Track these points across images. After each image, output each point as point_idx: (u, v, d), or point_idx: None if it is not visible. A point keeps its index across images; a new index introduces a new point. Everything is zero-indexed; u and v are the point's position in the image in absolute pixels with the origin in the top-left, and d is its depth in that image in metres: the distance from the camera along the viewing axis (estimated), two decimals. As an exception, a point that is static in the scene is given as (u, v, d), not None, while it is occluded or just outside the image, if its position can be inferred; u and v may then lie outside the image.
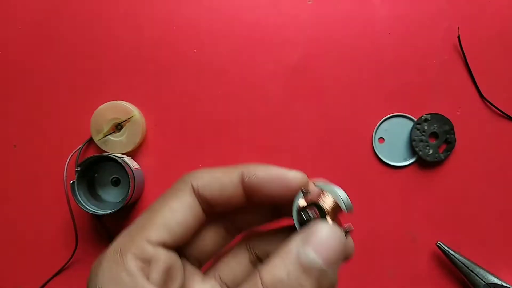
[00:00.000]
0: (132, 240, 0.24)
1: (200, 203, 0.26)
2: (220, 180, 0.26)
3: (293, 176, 0.27)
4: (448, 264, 0.54)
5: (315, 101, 0.55)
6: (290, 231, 0.28)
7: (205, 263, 0.29)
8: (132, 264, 0.23)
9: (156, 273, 0.23)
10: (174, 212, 0.25)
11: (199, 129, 0.55)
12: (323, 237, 0.23)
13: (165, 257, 0.24)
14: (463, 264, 0.51)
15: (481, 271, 0.51)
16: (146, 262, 0.23)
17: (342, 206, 0.27)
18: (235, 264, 0.29)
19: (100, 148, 0.53)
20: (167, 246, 0.24)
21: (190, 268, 0.28)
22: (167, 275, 0.24)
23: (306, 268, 0.22)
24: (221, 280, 0.28)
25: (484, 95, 0.55)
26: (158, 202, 0.26)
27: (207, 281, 0.28)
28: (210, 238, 0.29)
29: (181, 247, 0.27)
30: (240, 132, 0.55)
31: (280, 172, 0.27)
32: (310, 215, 0.26)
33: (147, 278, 0.23)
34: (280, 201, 0.27)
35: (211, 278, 0.28)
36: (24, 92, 0.56)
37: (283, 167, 0.27)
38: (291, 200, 0.26)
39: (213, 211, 0.27)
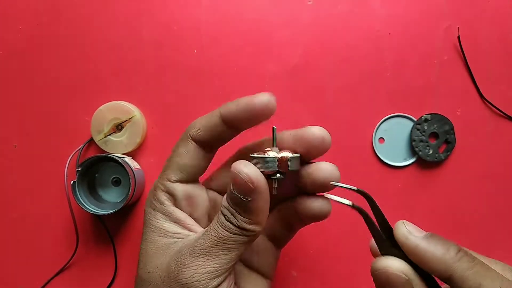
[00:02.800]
0: (160, 179, 0.35)
1: (199, 145, 0.35)
2: (207, 124, 0.34)
3: (258, 101, 0.33)
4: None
5: (315, 101, 0.55)
6: None
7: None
8: (161, 195, 0.34)
9: (178, 200, 0.34)
10: (181, 157, 0.34)
11: (199, 129, 0.55)
12: (233, 174, 0.30)
13: (183, 188, 0.34)
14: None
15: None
16: (170, 193, 0.34)
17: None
18: (226, 173, 0.38)
19: (101, 148, 0.53)
20: (183, 181, 0.34)
21: (221, 197, 0.38)
22: (189, 200, 0.35)
23: (233, 199, 0.31)
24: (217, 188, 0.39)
25: (484, 95, 0.55)
26: (172, 152, 0.36)
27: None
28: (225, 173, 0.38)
29: (212, 185, 0.38)
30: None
31: (247, 100, 0.33)
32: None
33: (174, 204, 0.34)
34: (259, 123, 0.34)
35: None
36: (24, 92, 0.56)
37: (251, 95, 0.32)
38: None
39: (213, 147, 0.36)
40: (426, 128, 0.54)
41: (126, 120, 0.53)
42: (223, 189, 0.37)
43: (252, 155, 0.32)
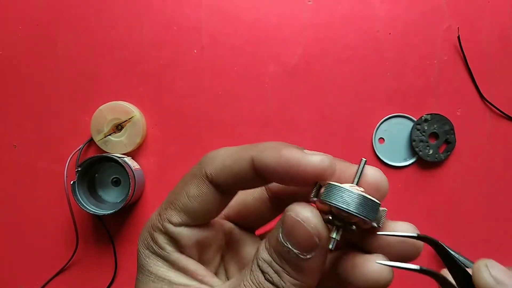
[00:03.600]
0: (160, 218, 0.26)
1: (216, 188, 0.25)
2: (231, 167, 0.25)
3: (307, 163, 0.22)
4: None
5: (315, 101, 0.55)
6: None
7: (259, 228, 0.30)
8: (161, 239, 0.26)
9: (184, 246, 0.26)
10: (191, 199, 0.25)
11: (199, 129, 0.55)
12: (290, 222, 0.22)
13: (190, 233, 0.26)
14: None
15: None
16: (173, 238, 0.26)
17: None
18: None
19: (101, 149, 0.53)
20: (190, 225, 0.26)
21: (240, 232, 0.29)
22: (199, 245, 0.26)
23: (283, 253, 0.22)
24: None
25: (484, 95, 0.55)
26: (179, 185, 0.26)
27: (257, 243, 0.28)
28: (256, 211, 0.29)
29: (230, 216, 0.29)
30: (240, 132, 0.55)
31: (294, 159, 0.23)
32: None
33: (177, 249, 0.26)
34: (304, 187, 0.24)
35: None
36: (24, 93, 0.56)
37: (301, 151, 0.23)
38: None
39: (234, 191, 0.27)
40: (426, 128, 0.54)
41: (126, 120, 0.53)
42: (241, 217, 0.29)
43: (337, 184, 0.22)
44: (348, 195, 0.21)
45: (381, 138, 0.55)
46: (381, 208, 0.22)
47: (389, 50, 0.55)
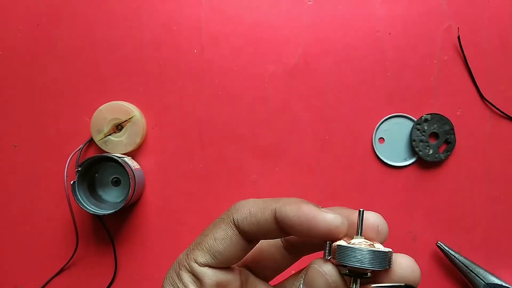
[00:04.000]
0: (187, 257, 0.29)
1: (241, 234, 0.28)
2: (256, 216, 0.27)
3: (321, 219, 0.25)
4: (448, 264, 0.54)
5: (315, 101, 0.55)
6: None
7: (271, 279, 0.32)
8: (186, 277, 0.28)
9: (205, 286, 0.28)
10: (217, 241, 0.28)
11: (199, 129, 0.55)
12: (313, 275, 0.25)
13: (212, 274, 0.28)
14: (463, 264, 0.51)
15: (481, 271, 0.51)
16: (197, 277, 0.28)
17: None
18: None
19: (101, 148, 0.53)
20: (213, 267, 0.28)
21: (255, 280, 0.31)
22: (218, 287, 0.28)
23: None
24: None
25: (484, 95, 0.55)
26: (208, 229, 0.29)
27: None
28: (271, 257, 0.31)
29: (247, 263, 0.31)
30: (240, 132, 0.55)
31: (310, 214, 0.26)
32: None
33: None
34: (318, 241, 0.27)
35: None
36: (24, 92, 0.56)
37: (317, 208, 0.25)
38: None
39: (257, 240, 0.29)
40: (426, 128, 0.54)
41: (126, 120, 0.53)
42: (256, 263, 0.31)
43: (347, 245, 0.24)
44: (359, 253, 0.24)
45: (381, 138, 0.55)
46: (387, 250, 0.25)
47: (389, 50, 0.55)
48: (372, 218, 0.26)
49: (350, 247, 0.24)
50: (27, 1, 0.56)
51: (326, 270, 0.25)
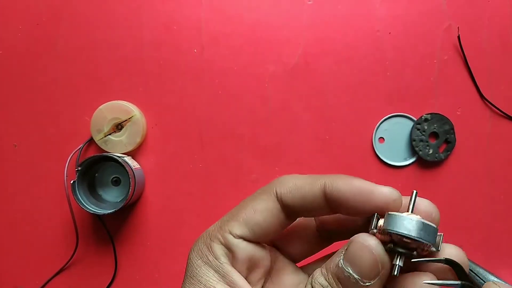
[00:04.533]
0: (220, 229, 0.27)
1: (282, 208, 0.27)
2: (302, 189, 0.26)
3: (379, 193, 0.24)
4: (448, 264, 0.54)
5: (315, 101, 0.55)
6: None
7: (299, 261, 0.30)
8: (218, 248, 0.27)
9: (237, 259, 0.27)
10: (256, 212, 0.27)
11: (199, 129, 0.55)
12: (356, 249, 0.23)
13: (246, 247, 0.27)
14: None
15: (481, 271, 0.51)
16: (230, 250, 0.27)
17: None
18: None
19: (101, 148, 0.53)
20: (248, 239, 0.27)
21: (283, 260, 0.30)
22: (250, 263, 0.27)
23: (342, 279, 0.23)
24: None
25: (484, 95, 0.55)
26: (246, 200, 0.28)
27: (298, 274, 0.29)
28: (303, 238, 0.30)
29: (276, 242, 0.30)
30: (240, 132, 0.55)
31: (365, 187, 0.25)
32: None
33: (231, 263, 0.27)
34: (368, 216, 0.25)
35: (304, 273, 0.29)
36: (24, 92, 0.56)
37: (371, 183, 0.25)
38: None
39: (297, 216, 0.28)
40: (426, 128, 0.54)
41: (126, 120, 0.53)
42: (286, 241, 0.30)
43: (397, 213, 0.23)
44: (408, 222, 0.22)
45: (381, 137, 0.55)
46: (438, 233, 0.23)
47: (389, 50, 0.55)
48: (425, 203, 0.25)
49: (399, 215, 0.23)
50: (27, 1, 0.56)
51: (372, 244, 0.23)
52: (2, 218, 0.55)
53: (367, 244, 0.23)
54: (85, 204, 0.50)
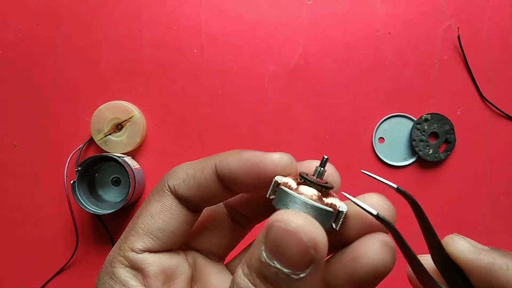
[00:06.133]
0: (119, 250, 0.24)
1: (180, 203, 0.24)
2: (195, 177, 0.24)
3: (269, 161, 0.22)
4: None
5: (315, 101, 0.55)
6: None
7: (224, 256, 0.27)
8: (122, 273, 0.23)
9: (149, 276, 0.23)
10: (154, 217, 0.23)
11: (199, 129, 0.55)
12: (277, 235, 0.18)
13: (155, 260, 0.23)
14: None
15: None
16: (137, 269, 0.23)
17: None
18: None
19: (101, 148, 0.53)
20: (154, 250, 0.23)
21: (204, 261, 0.26)
22: (165, 275, 0.23)
23: (269, 277, 0.18)
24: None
25: (484, 95, 0.55)
26: (141, 208, 0.24)
27: (224, 273, 0.26)
28: (217, 231, 0.26)
29: (190, 242, 0.26)
30: (240, 132, 0.55)
31: (255, 158, 0.22)
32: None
33: (142, 283, 0.23)
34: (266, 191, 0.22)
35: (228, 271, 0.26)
36: (24, 92, 0.56)
37: (261, 152, 0.22)
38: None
39: (200, 208, 0.25)
40: (426, 128, 0.54)
41: (126, 120, 0.53)
42: (210, 247, 0.26)
43: (288, 190, 0.20)
44: (301, 205, 0.20)
45: (381, 137, 0.55)
46: (340, 208, 0.21)
47: (389, 50, 0.55)
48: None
49: (290, 194, 0.20)
50: (27, 1, 0.56)
51: (298, 225, 0.18)
52: (2, 218, 0.55)
53: (290, 228, 0.18)
54: (85, 204, 0.50)
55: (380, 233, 0.22)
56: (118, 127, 0.53)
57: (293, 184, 0.21)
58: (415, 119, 0.55)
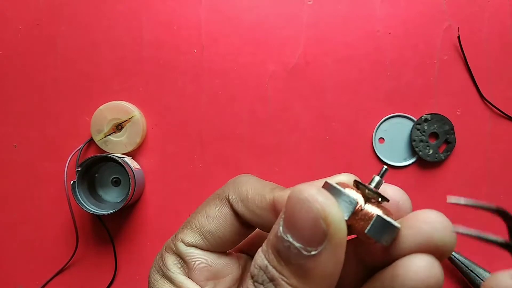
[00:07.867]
0: (174, 238, 0.25)
1: (235, 215, 0.24)
2: (253, 201, 0.23)
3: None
4: (448, 264, 0.54)
5: (315, 101, 0.55)
6: None
7: None
8: (169, 259, 0.25)
9: (194, 269, 0.24)
10: (209, 219, 0.24)
11: (199, 129, 0.55)
12: (292, 206, 0.17)
13: (201, 256, 0.24)
14: (463, 264, 0.51)
15: (481, 271, 0.51)
16: (183, 259, 0.24)
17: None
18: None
19: (101, 148, 0.53)
20: (202, 248, 0.24)
21: None
22: (209, 272, 0.24)
23: (282, 252, 0.17)
24: None
25: (484, 95, 0.55)
26: (203, 204, 0.25)
27: None
28: None
29: (246, 249, 0.27)
30: (240, 132, 0.55)
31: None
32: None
33: (186, 274, 0.24)
34: None
35: None
36: (24, 92, 0.56)
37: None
38: None
39: (253, 227, 0.24)
40: (426, 128, 0.54)
41: (126, 120, 0.53)
42: (255, 248, 0.25)
43: (335, 184, 0.19)
44: (347, 198, 0.19)
45: (381, 138, 0.55)
46: (393, 222, 0.19)
47: (389, 50, 0.55)
48: (392, 191, 0.21)
49: (336, 188, 0.18)
50: (27, 1, 0.56)
51: (310, 194, 0.17)
52: (2, 218, 0.55)
53: (302, 196, 0.17)
54: (85, 204, 0.50)
55: (426, 254, 0.20)
56: (118, 127, 0.53)
57: (361, 201, 0.19)
58: (415, 119, 0.55)
